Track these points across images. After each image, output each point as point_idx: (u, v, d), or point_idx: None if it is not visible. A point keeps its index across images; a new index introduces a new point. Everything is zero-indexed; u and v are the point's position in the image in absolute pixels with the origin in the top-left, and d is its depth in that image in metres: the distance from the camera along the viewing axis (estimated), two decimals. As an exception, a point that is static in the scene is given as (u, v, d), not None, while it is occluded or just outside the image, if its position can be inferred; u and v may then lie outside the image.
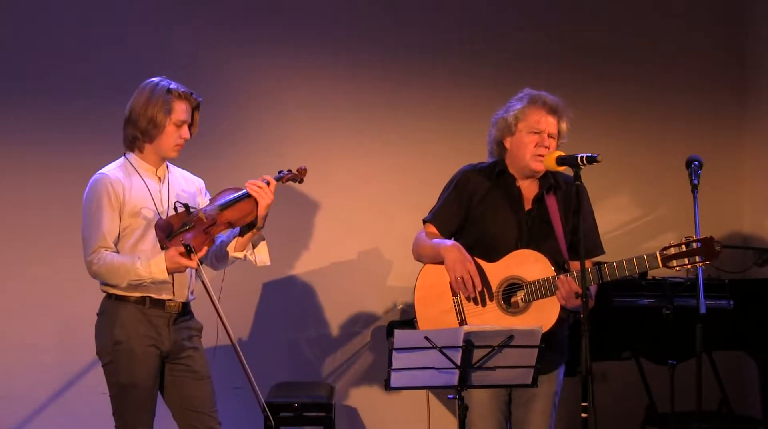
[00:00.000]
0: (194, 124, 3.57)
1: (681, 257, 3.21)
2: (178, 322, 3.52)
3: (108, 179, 3.44)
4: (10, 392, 4.79)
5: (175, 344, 3.52)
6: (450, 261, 3.31)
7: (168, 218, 3.41)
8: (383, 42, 5.15)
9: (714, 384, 4.87)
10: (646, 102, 5.36)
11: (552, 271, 3.31)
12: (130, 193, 3.45)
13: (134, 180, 3.49)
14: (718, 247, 3.19)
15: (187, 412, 3.54)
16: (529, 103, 3.42)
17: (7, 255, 4.85)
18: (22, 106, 4.87)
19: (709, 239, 3.20)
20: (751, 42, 5.43)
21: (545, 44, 5.26)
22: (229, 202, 3.45)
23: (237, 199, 3.46)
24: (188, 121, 3.52)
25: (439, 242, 3.39)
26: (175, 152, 3.53)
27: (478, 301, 3.34)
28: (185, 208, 3.39)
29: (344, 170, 5.12)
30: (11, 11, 4.88)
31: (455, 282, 3.31)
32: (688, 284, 4.34)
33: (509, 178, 3.46)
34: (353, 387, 5.10)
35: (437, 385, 3.07)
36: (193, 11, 5.02)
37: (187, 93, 3.51)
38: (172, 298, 3.49)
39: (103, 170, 3.51)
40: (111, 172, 3.49)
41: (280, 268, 5.05)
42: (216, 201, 3.48)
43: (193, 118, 3.55)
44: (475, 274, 3.28)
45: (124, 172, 3.50)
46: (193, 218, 3.39)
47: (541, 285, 3.30)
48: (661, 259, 3.22)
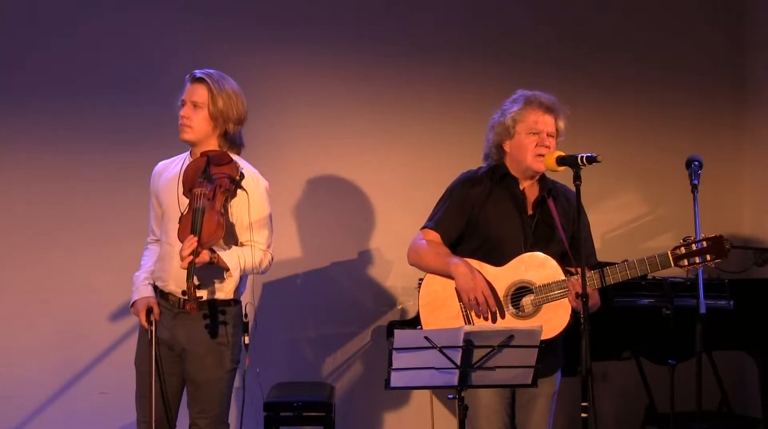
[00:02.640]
0: (214, 101, 3.47)
1: (692, 256, 3.21)
2: (176, 318, 3.53)
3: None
4: (10, 392, 4.79)
5: (174, 337, 3.54)
6: (462, 282, 3.29)
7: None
8: (383, 42, 5.15)
9: (714, 384, 4.87)
10: (646, 102, 5.36)
11: (561, 274, 3.31)
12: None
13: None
14: (728, 246, 3.20)
15: (170, 404, 3.62)
16: (526, 104, 3.41)
17: (7, 255, 4.85)
18: (23, 106, 4.87)
19: (719, 238, 3.21)
20: (751, 42, 5.43)
21: (546, 44, 5.26)
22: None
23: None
24: (188, 99, 3.50)
25: (447, 259, 3.35)
26: (181, 132, 3.52)
27: (489, 318, 3.33)
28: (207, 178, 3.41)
29: (344, 170, 5.12)
30: (11, 11, 4.88)
31: (467, 303, 3.29)
32: (688, 284, 4.34)
33: (512, 181, 3.45)
34: (353, 387, 5.10)
35: (437, 385, 3.07)
36: (194, 12, 5.01)
37: (191, 72, 3.53)
38: (173, 292, 3.51)
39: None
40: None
41: (280, 268, 5.05)
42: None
43: (212, 98, 3.47)
44: (489, 296, 3.26)
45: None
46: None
47: (551, 288, 3.30)
48: (672, 259, 3.22)
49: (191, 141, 3.53)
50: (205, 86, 3.48)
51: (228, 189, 3.41)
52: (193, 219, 3.34)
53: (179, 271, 3.37)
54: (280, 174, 5.06)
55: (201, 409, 3.56)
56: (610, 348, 4.54)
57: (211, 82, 3.48)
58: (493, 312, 3.30)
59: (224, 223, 3.38)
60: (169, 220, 3.53)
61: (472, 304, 3.28)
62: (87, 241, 4.84)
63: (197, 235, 3.30)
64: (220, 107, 3.48)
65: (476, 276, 3.29)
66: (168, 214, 3.54)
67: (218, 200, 3.37)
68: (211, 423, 3.56)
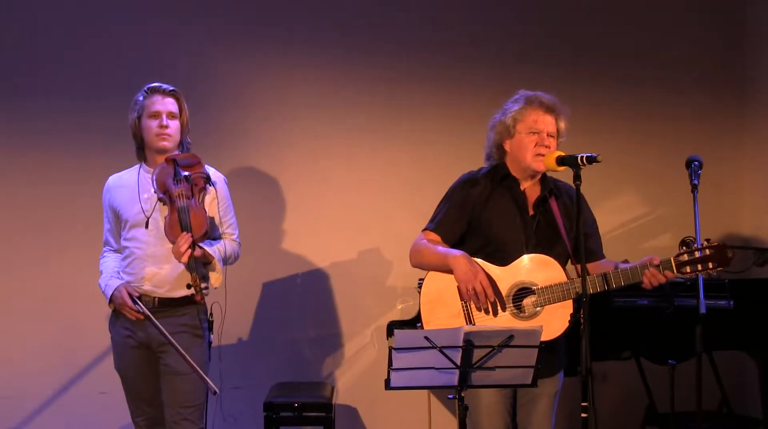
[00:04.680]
0: (181, 112, 3.73)
1: (695, 264, 3.22)
2: (154, 316, 3.60)
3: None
4: (10, 392, 4.80)
5: (151, 337, 3.63)
6: (461, 272, 3.29)
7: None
8: (383, 42, 5.15)
9: (714, 384, 4.87)
10: (646, 102, 5.35)
11: (564, 276, 3.31)
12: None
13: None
14: (730, 254, 3.21)
15: (162, 403, 3.68)
16: (526, 103, 3.41)
17: (7, 255, 4.86)
18: (23, 106, 4.87)
19: (722, 247, 3.21)
20: (751, 42, 5.43)
21: (546, 44, 5.26)
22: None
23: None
24: (164, 110, 3.68)
25: (447, 252, 3.35)
26: (158, 140, 3.69)
27: (489, 311, 3.33)
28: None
29: (344, 170, 5.12)
30: (10, 11, 4.88)
31: (466, 293, 3.29)
32: (688, 284, 4.34)
33: (513, 181, 3.45)
34: (353, 387, 5.10)
35: (437, 385, 3.07)
36: (192, 11, 5.01)
37: (157, 86, 3.71)
38: (147, 292, 3.65)
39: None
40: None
41: (280, 268, 5.06)
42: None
43: (180, 109, 3.72)
44: (487, 286, 3.26)
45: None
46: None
47: (554, 290, 3.30)
48: (675, 266, 3.23)
49: (169, 149, 3.72)
50: (175, 99, 3.73)
51: (203, 187, 3.65)
52: (180, 218, 3.56)
53: (154, 271, 3.62)
54: (280, 174, 5.07)
55: (183, 401, 3.62)
56: (610, 348, 4.54)
57: (179, 95, 3.74)
58: (492, 302, 3.29)
59: (208, 218, 3.62)
60: (135, 226, 3.69)
61: (470, 295, 3.28)
62: (87, 242, 4.83)
63: (189, 232, 3.53)
64: (185, 118, 3.76)
65: (475, 267, 3.28)
66: (133, 221, 3.69)
67: (197, 198, 3.61)
68: (194, 411, 3.64)
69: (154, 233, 3.63)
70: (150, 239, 3.64)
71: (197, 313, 3.69)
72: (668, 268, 3.24)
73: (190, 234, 3.52)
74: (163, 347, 3.62)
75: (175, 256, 3.53)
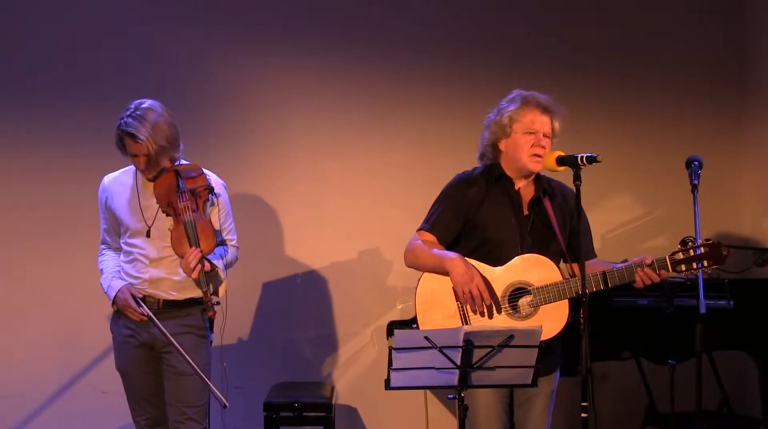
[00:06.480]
0: (148, 147, 3.53)
1: (690, 262, 3.23)
2: (158, 317, 3.60)
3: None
4: (10, 392, 4.80)
5: (155, 338, 3.64)
6: (457, 275, 3.28)
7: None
8: (382, 42, 5.15)
9: (714, 384, 4.87)
10: (646, 102, 5.35)
11: (559, 276, 3.31)
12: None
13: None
14: (725, 252, 3.23)
15: (165, 403, 3.69)
16: (522, 103, 3.41)
17: (7, 255, 4.86)
18: (23, 106, 4.87)
19: (717, 244, 3.22)
20: (751, 42, 5.43)
21: (546, 44, 5.26)
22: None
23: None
24: (135, 152, 3.56)
25: (442, 254, 3.34)
26: (142, 172, 3.64)
27: (485, 313, 3.33)
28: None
29: (344, 170, 5.12)
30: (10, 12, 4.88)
31: (463, 297, 3.28)
32: (688, 284, 4.34)
33: (507, 181, 3.45)
34: (353, 387, 5.10)
35: (437, 385, 3.07)
36: (192, 12, 5.02)
37: (118, 130, 3.56)
38: (152, 294, 3.65)
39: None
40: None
41: (280, 268, 5.06)
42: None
43: (147, 145, 3.53)
44: (483, 289, 3.26)
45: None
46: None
47: (549, 290, 3.30)
48: (671, 264, 3.24)
49: (153, 175, 3.64)
50: (137, 141, 3.50)
51: (207, 199, 3.62)
52: (186, 232, 3.54)
53: (155, 276, 3.63)
54: (279, 175, 5.07)
55: (189, 400, 3.63)
56: (610, 348, 4.54)
57: (136, 132, 3.49)
58: (488, 305, 3.29)
59: (215, 232, 3.62)
60: (136, 234, 3.67)
61: (466, 298, 3.27)
62: (87, 242, 4.82)
63: (197, 247, 3.51)
64: (155, 148, 3.53)
65: (471, 270, 3.28)
66: (134, 229, 3.67)
67: (201, 211, 3.58)
68: (199, 411, 3.66)
69: (156, 241, 3.63)
70: (153, 246, 3.64)
71: (200, 314, 3.71)
72: (664, 267, 3.25)
73: (199, 249, 3.51)
74: (167, 348, 3.63)
75: (184, 271, 3.53)
